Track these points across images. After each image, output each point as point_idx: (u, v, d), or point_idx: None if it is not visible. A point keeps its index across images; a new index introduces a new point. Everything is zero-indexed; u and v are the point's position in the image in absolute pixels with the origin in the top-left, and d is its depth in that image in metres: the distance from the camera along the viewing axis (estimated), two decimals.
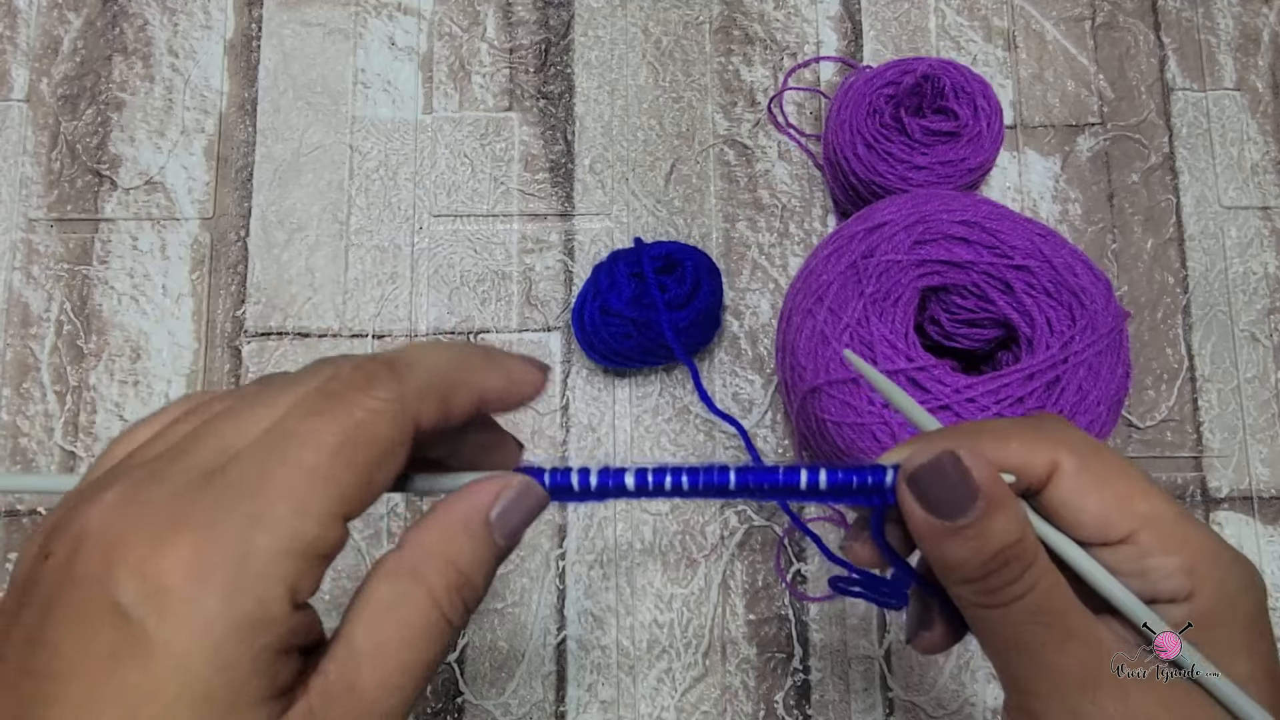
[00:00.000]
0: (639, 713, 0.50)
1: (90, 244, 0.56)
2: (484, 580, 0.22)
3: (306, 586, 0.19)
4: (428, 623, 0.21)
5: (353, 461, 0.20)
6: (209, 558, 0.18)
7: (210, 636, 0.17)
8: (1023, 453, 0.24)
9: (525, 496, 0.23)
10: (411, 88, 0.58)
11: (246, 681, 0.18)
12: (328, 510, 0.19)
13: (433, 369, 0.22)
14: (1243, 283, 0.56)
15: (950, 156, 0.50)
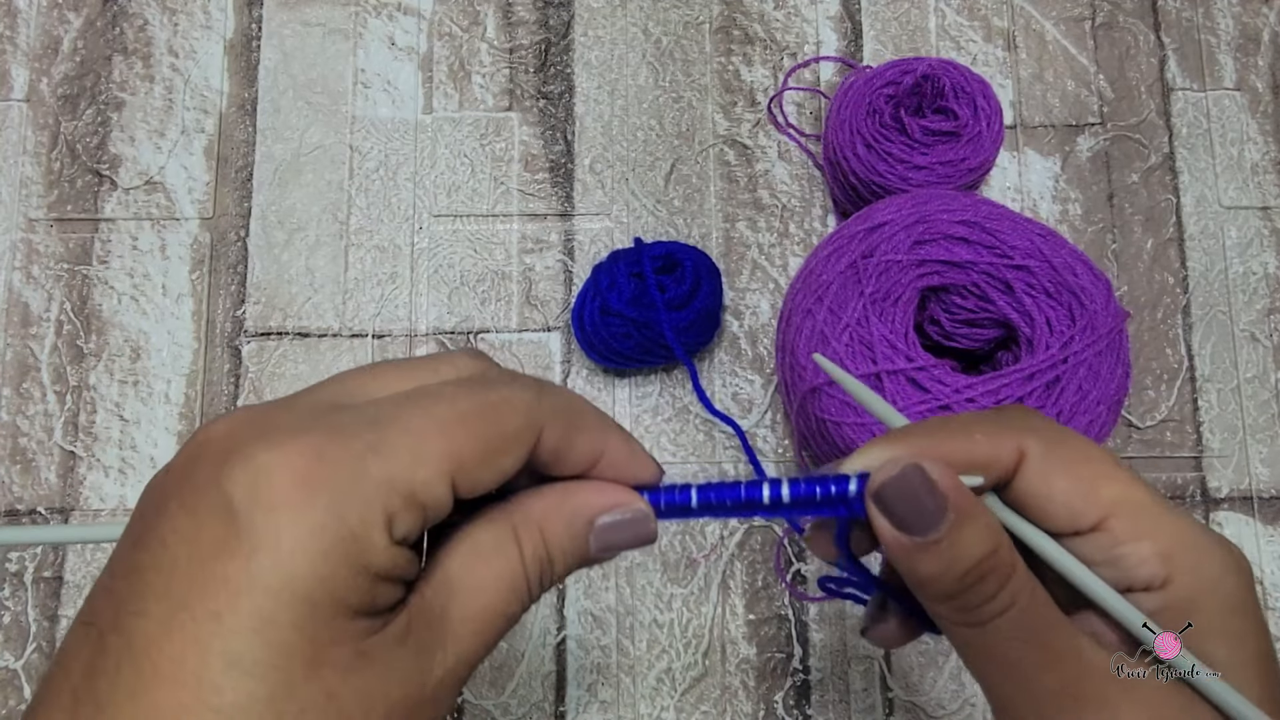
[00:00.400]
0: (639, 713, 0.50)
1: (90, 244, 0.56)
2: (562, 573, 0.22)
3: (404, 527, 0.19)
4: (514, 580, 0.21)
5: (478, 432, 0.20)
6: (321, 470, 0.18)
7: (314, 542, 0.18)
8: (988, 445, 0.23)
9: (636, 524, 0.23)
10: (411, 88, 0.58)
11: (344, 593, 0.18)
12: (442, 464, 0.20)
13: (573, 402, 0.23)
14: (1243, 283, 0.56)
15: (950, 156, 0.50)
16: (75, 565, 0.51)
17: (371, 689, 0.19)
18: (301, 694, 0.18)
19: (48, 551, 0.52)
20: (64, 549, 0.52)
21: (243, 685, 0.17)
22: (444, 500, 0.20)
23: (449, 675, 0.20)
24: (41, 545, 0.51)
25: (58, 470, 0.53)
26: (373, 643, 0.19)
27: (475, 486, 0.21)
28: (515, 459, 0.21)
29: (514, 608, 0.21)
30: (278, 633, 0.18)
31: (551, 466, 0.23)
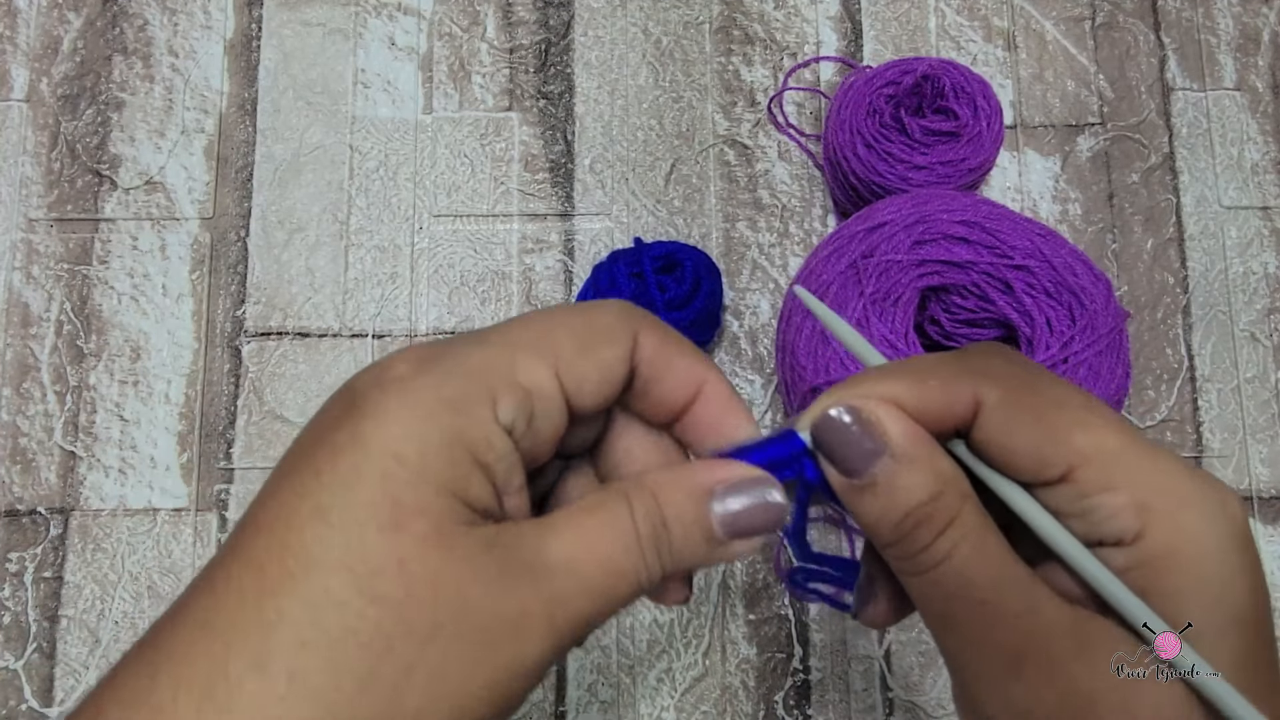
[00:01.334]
0: (639, 713, 0.50)
1: (90, 244, 0.56)
2: (687, 546, 0.21)
3: (509, 411, 0.20)
4: (623, 534, 0.20)
5: (574, 327, 0.21)
6: (431, 357, 0.20)
7: (414, 412, 0.19)
8: (941, 392, 0.22)
9: (758, 488, 0.21)
10: (411, 88, 0.58)
11: (436, 462, 0.19)
12: (540, 351, 0.20)
13: (671, 329, 0.23)
14: (1243, 283, 0.56)
15: (950, 156, 0.50)
16: (75, 565, 0.51)
17: (445, 574, 0.18)
18: (374, 552, 0.18)
19: (48, 551, 0.52)
20: (64, 549, 0.52)
21: (321, 534, 0.18)
22: (548, 389, 0.20)
23: (539, 608, 0.19)
24: None
25: (58, 470, 0.53)
26: (456, 531, 0.19)
27: (581, 383, 0.21)
28: (614, 354, 0.21)
29: (621, 560, 0.20)
30: (364, 488, 0.18)
31: (652, 386, 0.22)
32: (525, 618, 0.19)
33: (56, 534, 0.52)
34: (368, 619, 0.18)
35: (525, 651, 0.19)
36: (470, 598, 0.18)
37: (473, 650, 0.18)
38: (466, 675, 0.18)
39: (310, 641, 0.17)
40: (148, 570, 0.51)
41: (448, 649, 0.18)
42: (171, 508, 0.52)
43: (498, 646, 0.18)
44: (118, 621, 0.51)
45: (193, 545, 0.52)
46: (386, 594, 0.18)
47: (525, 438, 0.20)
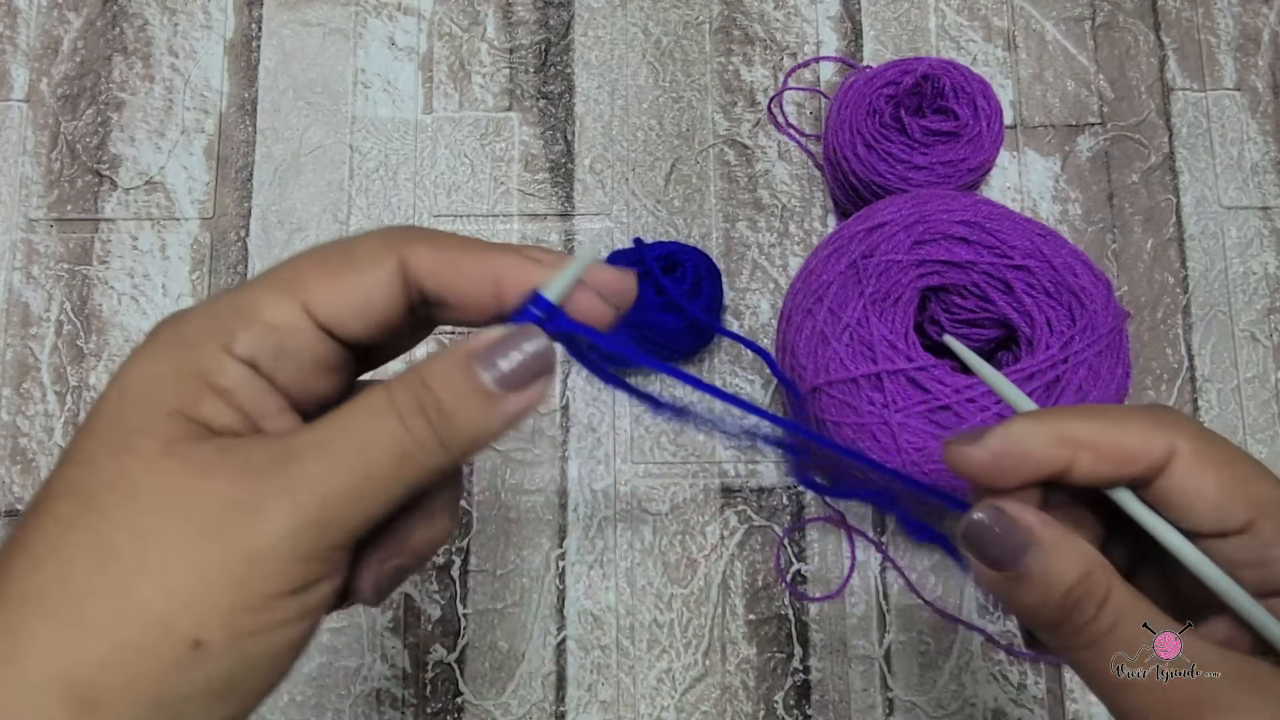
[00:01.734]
0: (639, 713, 0.50)
1: (90, 244, 0.56)
2: (458, 403, 0.20)
3: (246, 344, 0.20)
4: (377, 406, 0.20)
5: (324, 258, 0.22)
6: (186, 311, 0.21)
7: (149, 353, 0.20)
8: (1140, 436, 0.23)
9: (521, 335, 0.21)
10: (411, 88, 0.58)
11: (164, 390, 0.20)
12: (283, 286, 0.21)
13: (454, 236, 0.23)
14: (1243, 283, 0.56)
15: (950, 156, 0.50)
16: None
17: (171, 478, 0.19)
18: (101, 473, 0.19)
19: None
20: None
21: (62, 473, 0.19)
22: (295, 323, 0.21)
23: (278, 490, 0.19)
24: None
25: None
26: (188, 445, 0.19)
27: (337, 308, 0.21)
28: (370, 279, 0.21)
29: (375, 428, 0.20)
30: (99, 425, 0.20)
31: (448, 295, 0.22)
32: (260, 500, 0.19)
33: None
34: (89, 529, 0.18)
35: (265, 533, 0.19)
36: (196, 493, 0.19)
37: (199, 540, 0.18)
38: (197, 567, 0.18)
39: (43, 563, 0.18)
40: None
41: (171, 544, 0.18)
42: None
43: (230, 532, 0.18)
44: None
45: None
46: (108, 504, 0.19)
47: (280, 369, 0.21)
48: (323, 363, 0.22)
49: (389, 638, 0.51)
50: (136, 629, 0.18)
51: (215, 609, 0.18)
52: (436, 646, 0.51)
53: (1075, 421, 0.23)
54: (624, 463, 0.53)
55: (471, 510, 0.52)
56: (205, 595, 0.18)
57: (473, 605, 0.51)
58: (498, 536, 0.52)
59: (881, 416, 0.43)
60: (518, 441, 0.53)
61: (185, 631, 0.18)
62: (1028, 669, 0.51)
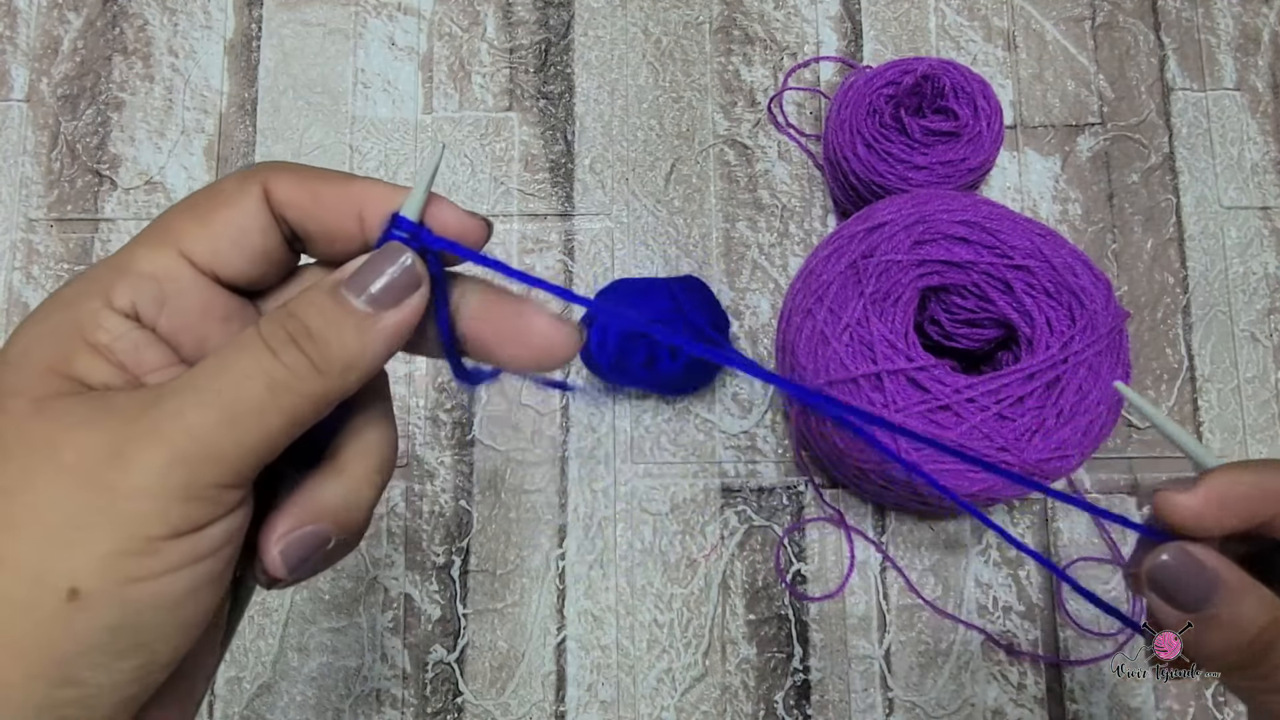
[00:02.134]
0: (639, 713, 0.50)
1: (90, 244, 0.56)
2: (329, 327, 0.20)
3: (125, 296, 0.20)
4: (243, 340, 0.20)
5: (192, 203, 0.21)
6: (68, 280, 0.21)
7: (28, 322, 0.20)
8: None
9: (381, 256, 0.21)
10: (411, 88, 0.58)
11: (39, 350, 0.20)
12: (157, 237, 0.21)
13: (312, 166, 0.22)
14: (1243, 283, 0.56)
15: (950, 156, 0.50)
16: None
17: (40, 433, 0.18)
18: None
19: None
20: None
21: None
22: (174, 269, 0.21)
23: (147, 430, 0.18)
24: None
25: None
26: (59, 400, 0.19)
27: (213, 250, 0.21)
28: (237, 214, 0.21)
29: (244, 361, 0.20)
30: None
31: (311, 228, 0.22)
32: (128, 440, 0.18)
33: None
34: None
35: (134, 473, 0.18)
36: (64, 444, 0.18)
37: (71, 490, 0.18)
38: (72, 515, 0.18)
39: None
40: None
41: (41, 495, 0.18)
42: None
43: (100, 478, 0.18)
44: None
45: None
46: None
47: (161, 318, 0.21)
48: (211, 311, 0.21)
49: (389, 638, 0.51)
50: (9, 583, 0.17)
51: (90, 556, 0.18)
52: (436, 646, 0.51)
53: (1253, 479, 0.24)
54: (624, 463, 0.53)
55: (471, 510, 0.52)
56: (79, 543, 0.18)
57: (473, 605, 0.51)
58: (498, 536, 0.52)
59: (881, 416, 0.43)
60: (518, 441, 0.53)
61: (59, 582, 0.17)
62: (1028, 669, 0.51)
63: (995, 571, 0.52)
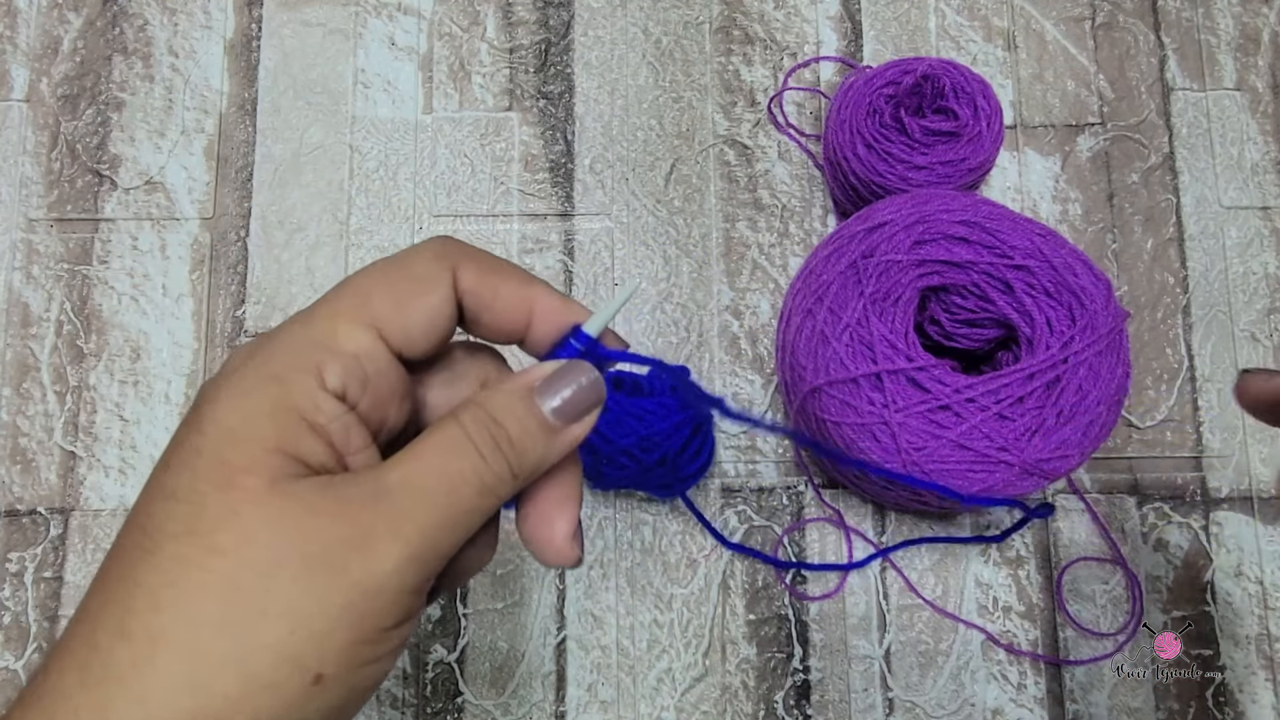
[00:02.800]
0: (639, 713, 0.50)
1: (90, 244, 0.56)
2: (526, 437, 0.22)
3: (336, 376, 0.21)
4: (455, 442, 0.21)
5: (389, 280, 0.22)
6: (260, 343, 0.21)
7: (240, 391, 0.20)
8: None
9: (574, 370, 0.23)
10: (411, 88, 0.58)
11: (265, 428, 0.20)
12: (357, 314, 0.21)
13: (491, 255, 0.24)
14: (1243, 283, 0.56)
15: (950, 156, 0.50)
16: (75, 565, 0.51)
17: (281, 515, 0.19)
18: (211, 511, 0.19)
19: (48, 551, 0.52)
20: (64, 549, 0.52)
21: (169, 509, 0.19)
22: (374, 350, 0.21)
23: (383, 526, 0.20)
24: None
25: (58, 470, 0.53)
26: (291, 481, 0.20)
27: (407, 331, 0.22)
28: (434, 299, 0.22)
29: (458, 463, 0.21)
30: (202, 463, 0.20)
31: (483, 315, 0.23)
32: (369, 536, 0.19)
33: (56, 534, 0.52)
34: (211, 570, 0.19)
35: (377, 568, 0.19)
36: (308, 530, 0.19)
37: (319, 577, 0.19)
38: (319, 602, 0.19)
39: (165, 602, 0.19)
40: None
41: (294, 582, 0.19)
42: None
43: (345, 568, 0.19)
44: None
45: None
46: (225, 544, 0.19)
47: (363, 399, 0.21)
48: (397, 390, 0.22)
49: None
50: (266, 666, 0.18)
51: (337, 644, 0.19)
52: (436, 646, 0.51)
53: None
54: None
55: None
56: (328, 631, 0.19)
57: (473, 605, 0.51)
58: (498, 536, 0.52)
59: (881, 416, 0.43)
60: None
61: (311, 667, 0.19)
62: (1028, 669, 0.51)
63: (995, 571, 0.52)
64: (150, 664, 0.18)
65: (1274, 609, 0.52)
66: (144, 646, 0.18)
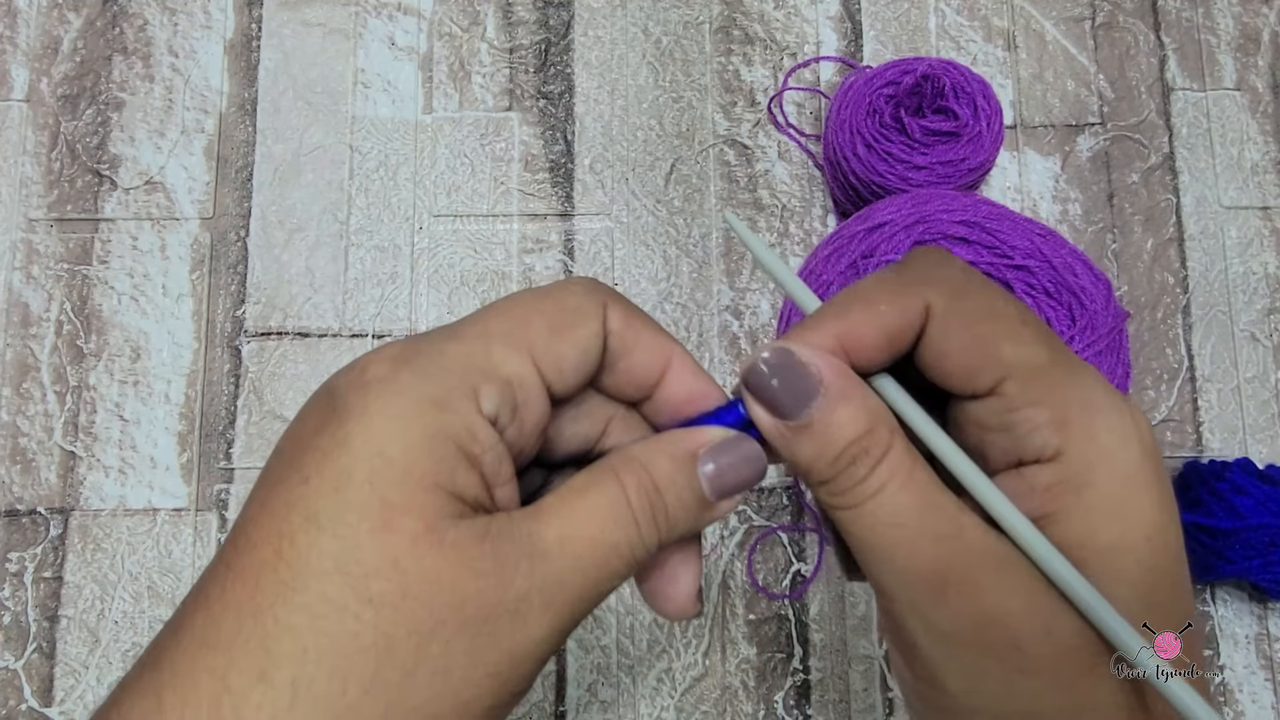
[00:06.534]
0: (639, 713, 0.50)
1: (90, 244, 0.56)
2: (681, 510, 0.21)
3: (492, 402, 0.20)
4: (615, 507, 0.20)
5: (544, 310, 0.21)
6: (407, 353, 0.20)
7: (396, 411, 0.19)
8: (894, 313, 0.21)
9: (740, 447, 0.22)
10: (411, 88, 0.58)
11: (424, 461, 0.19)
12: (513, 339, 0.20)
13: (634, 304, 0.23)
14: (1243, 283, 0.56)
15: (950, 156, 0.50)
16: (75, 565, 0.51)
17: (440, 570, 0.18)
18: (368, 554, 0.18)
19: (48, 551, 0.52)
20: (64, 549, 0.52)
21: (314, 539, 0.18)
22: (528, 377, 0.20)
23: (537, 593, 0.19)
24: None
25: (58, 470, 0.53)
26: (447, 526, 0.19)
27: (560, 365, 0.21)
28: (587, 332, 0.21)
29: (615, 534, 0.20)
30: (354, 490, 0.18)
31: (620, 360, 0.22)
32: (523, 604, 0.19)
33: (56, 534, 0.52)
34: (366, 622, 0.18)
35: (527, 637, 0.19)
36: (467, 591, 0.18)
37: (474, 642, 0.18)
38: (469, 667, 0.18)
39: (311, 648, 0.17)
40: (147, 570, 0.51)
41: (449, 644, 0.18)
42: (171, 508, 0.52)
43: (498, 636, 0.18)
44: (117, 621, 0.51)
45: (192, 545, 0.52)
46: (383, 595, 0.18)
47: (510, 428, 0.20)
48: (541, 422, 0.21)
49: None
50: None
51: (476, 710, 0.19)
52: None
53: (834, 321, 0.22)
54: None
55: None
56: (473, 698, 0.18)
57: None
58: None
59: None
60: None
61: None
62: None
63: None
64: (289, 714, 0.17)
65: (1274, 609, 0.52)
66: (285, 697, 0.17)
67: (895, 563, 0.21)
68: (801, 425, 0.21)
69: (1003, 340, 0.21)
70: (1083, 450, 0.20)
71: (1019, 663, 0.20)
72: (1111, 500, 0.20)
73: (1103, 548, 0.20)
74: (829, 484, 0.21)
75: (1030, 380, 0.21)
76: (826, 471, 0.21)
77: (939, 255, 0.23)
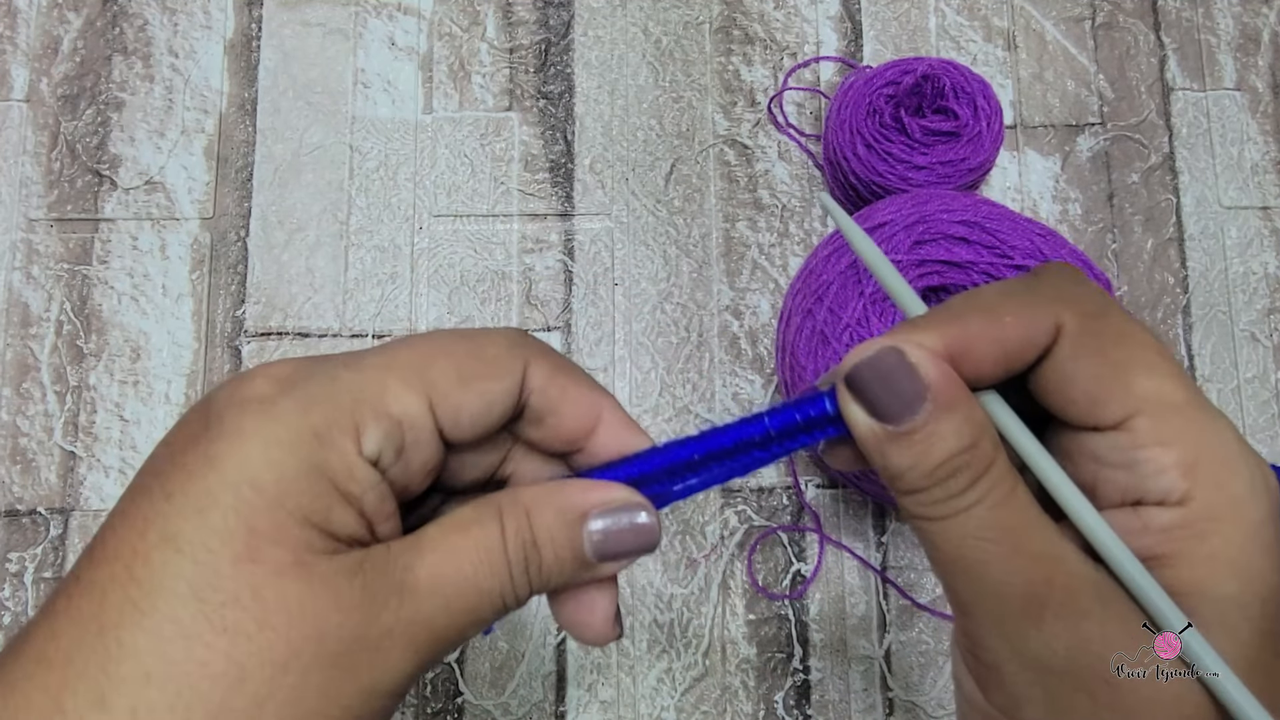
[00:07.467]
0: (639, 713, 0.50)
1: (90, 244, 0.56)
2: (556, 566, 0.21)
3: (374, 441, 0.19)
4: (490, 552, 0.20)
5: (455, 353, 0.20)
6: (295, 377, 0.19)
7: (273, 438, 0.18)
8: (1019, 327, 0.20)
9: (636, 526, 0.21)
10: (411, 88, 0.58)
11: (295, 492, 0.18)
12: (413, 380, 0.20)
13: (565, 360, 0.22)
14: (1243, 283, 0.56)
15: (950, 156, 0.50)
16: None
17: (304, 604, 0.18)
18: (226, 582, 0.17)
19: (48, 551, 0.52)
20: (64, 549, 0.52)
21: (170, 561, 0.17)
22: (419, 419, 0.20)
23: (401, 630, 0.19)
24: None
25: (58, 470, 0.53)
26: (317, 560, 0.18)
27: (457, 414, 0.20)
28: (499, 387, 0.21)
29: (487, 581, 0.20)
30: (219, 515, 0.17)
31: (545, 418, 0.22)
32: (386, 640, 0.18)
33: (56, 534, 0.52)
34: (218, 650, 0.17)
35: (385, 673, 0.19)
36: (329, 624, 0.18)
37: (330, 675, 0.18)
38: (323, 701, 0.18)
39: (156, 675, 0.17)
40: None
41: (305, 676, 0.18)
42: None
43: (357, 670, 0.18)
44: None
45: None
46: (238, 624, 0.17)
47: (395, 467, 0.20)
48: (429, 465, 0.21)
49: None
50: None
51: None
52: None
53: (940, 328, 0.20)
54: None
55: None
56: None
57: None
58: None
59: None
60: None
61: None
62: None
63: None
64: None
65: None
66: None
67: (987, 580, 0.20)
68: (902, 432, 0.20)
69: (1138, 371, 0.20)
70: (1211, 498, 0.19)
71: (1110, 699, 0.19)
72: (1236, 553, 0.19)
73: (1218, 599, 0.19)
74: (920, 494, 0.20)
75: (1162, 418, 0.19)
76: (920, 482, 0.20)
77: (1073, 273, 0.22)
